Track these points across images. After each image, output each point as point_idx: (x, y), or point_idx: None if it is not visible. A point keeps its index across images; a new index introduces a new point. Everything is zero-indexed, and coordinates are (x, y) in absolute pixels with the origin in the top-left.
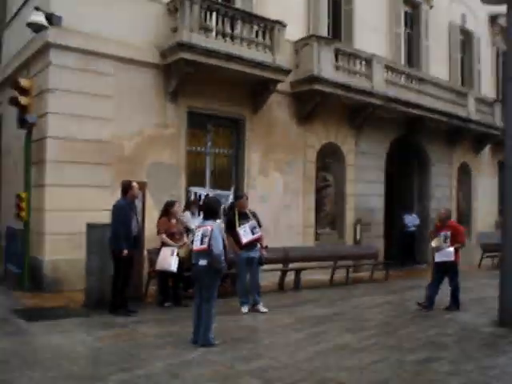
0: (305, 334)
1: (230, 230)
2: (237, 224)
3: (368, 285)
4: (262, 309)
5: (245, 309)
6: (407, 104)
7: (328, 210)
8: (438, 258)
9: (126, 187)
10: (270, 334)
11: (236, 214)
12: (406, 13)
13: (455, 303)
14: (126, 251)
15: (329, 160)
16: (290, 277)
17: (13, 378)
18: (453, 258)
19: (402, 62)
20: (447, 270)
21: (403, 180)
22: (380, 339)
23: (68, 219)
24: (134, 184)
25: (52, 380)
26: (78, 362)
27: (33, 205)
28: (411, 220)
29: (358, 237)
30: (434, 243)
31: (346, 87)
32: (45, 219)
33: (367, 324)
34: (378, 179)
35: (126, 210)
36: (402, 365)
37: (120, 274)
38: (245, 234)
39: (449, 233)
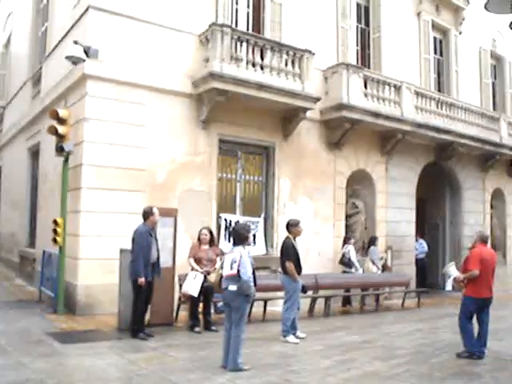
0: (334, 361)
1: (293, 255)
2: (297, 249)
3: (399, 312)
4: (301, 334)
5: (293, 338)
6: (437, 130)
7: (358, 236)
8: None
9: (147, 213)
10: (300, 361)
11: (294, 240)
12: (435, 39)
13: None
14: (142, 279)
15: (359, 186)
16: (320, 304)
17: None
18: (449, 288)
19: (432, 87)
20: None
21: (435, 206)
22: (410, 367)
23: (102, 245)
24: (155, 210)
25: None
26: None
27: (68, 230)
28: (419, 247)
29: (388, 264)
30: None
31: (376, 114)
32: (79, 244)
33: (398, 352)
34: (409, 205)
35: (146, 237)
36: None
37: (138, 300)
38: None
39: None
